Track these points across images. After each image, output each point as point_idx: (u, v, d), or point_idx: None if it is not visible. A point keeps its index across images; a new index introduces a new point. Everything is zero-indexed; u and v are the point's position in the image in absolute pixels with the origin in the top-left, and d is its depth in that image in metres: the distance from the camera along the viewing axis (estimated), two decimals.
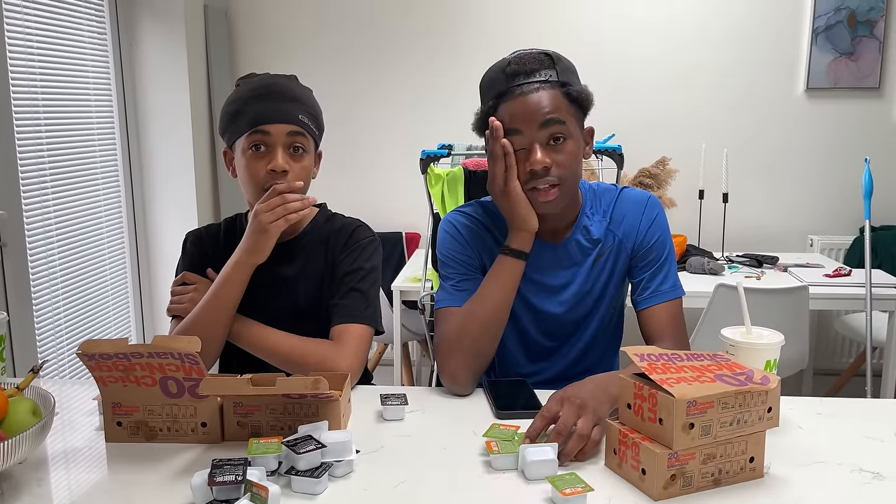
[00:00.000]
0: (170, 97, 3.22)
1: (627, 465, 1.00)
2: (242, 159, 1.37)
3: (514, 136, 1.30)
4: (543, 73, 1.29)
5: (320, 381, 1.05)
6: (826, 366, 3.59)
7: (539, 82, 1.28)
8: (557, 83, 1.29)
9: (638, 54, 3.52)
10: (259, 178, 1.35)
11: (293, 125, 1.36)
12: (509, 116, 1.29)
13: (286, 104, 1.37)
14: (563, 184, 1.32)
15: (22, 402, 1.01)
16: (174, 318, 1.43)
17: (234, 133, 1.39)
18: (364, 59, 3.64)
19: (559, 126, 1.29)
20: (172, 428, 1.14)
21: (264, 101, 1.36)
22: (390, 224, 3.61)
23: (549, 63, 1.30)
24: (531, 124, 1.28)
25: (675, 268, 1.44)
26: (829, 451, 1.09)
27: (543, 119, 1.28)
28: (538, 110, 1.27)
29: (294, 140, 1.37)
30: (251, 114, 1.35)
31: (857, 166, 3.46)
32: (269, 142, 1.36)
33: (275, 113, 1.35)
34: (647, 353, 1.03)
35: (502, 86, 1.30)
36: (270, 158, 1.35)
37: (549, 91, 1.28)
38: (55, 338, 2.65)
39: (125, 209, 3.18)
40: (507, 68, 1.30)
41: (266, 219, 1.31)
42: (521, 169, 1.31)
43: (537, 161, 1.28)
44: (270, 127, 1.35)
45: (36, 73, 2.56)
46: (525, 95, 1.28)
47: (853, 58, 3.41)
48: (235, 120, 1.38)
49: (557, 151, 1.30)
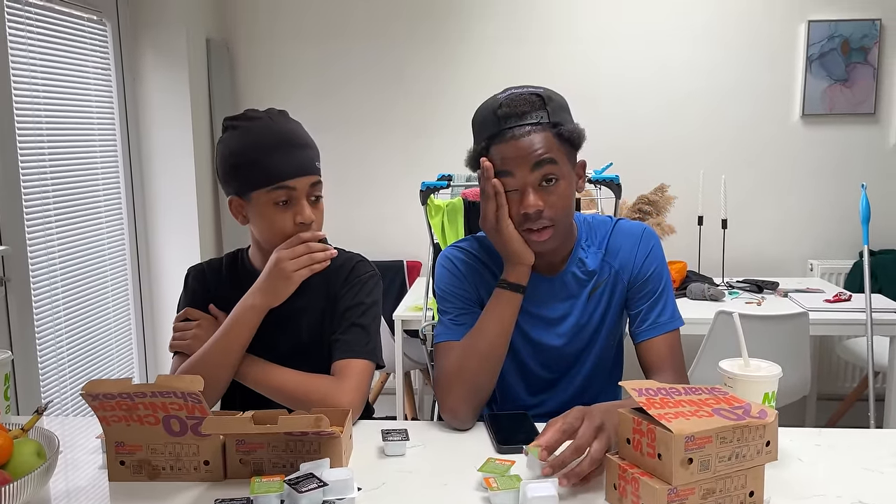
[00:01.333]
0: (173, 131, 3.25)
1: (628, 500, 1.00)
2: (265, 214, 1.37)
3: (506, 178, 1.31)
4: (535, 115, 1.30)
5: (322, 418, 1.06)
6: (829, 391, 3.57)
7: (530, 125, 1.29)
8: (549, 124, 1.30)
9: (634, 82, 3.56)
10: (287, 231, 1.36)
11: (314, 175, 1.38)
12: (501, 159, 1.30)
13: (302, 153, 1.38)
14: (557, 224, 1.34)
15: (27, 443, 1.02)
16: (176, 355, 1.44)
17: (250, 185, 1.36)
18: (365, 90, 3.68)
19: (551, 166, 1.30)
20: (175, 466, 1.15)
21: (281, 154, 1.35)
22: (391, 252, 3.63)
23: (539, 104, 1.31)
24: (523, 167, 1.29)
25: (672, 298, 1.45)
26: (829, 484, 1.09)
27: (535, 161, 1.29)
28: (530, 153, 1.29)
29: (314, 190, 1.39)
30: (271, 167, 1.34)
31: (854, 191, 3.47)
32: (293, 196, 1.36)
33: (297, 166, 1.35)
34: (646, 388, 1.04)
35: (493, 128, 1.31)
36: (297, 211, 1.36)
37: (540, 133, 1.29)
38: (58, 373, 2.66)
39: (128, 244, 3.20)
40: (499, 110, 1.30)
41: (290, 266, 1.33)
42: (513, 210, 1.33)
43: (530, 205, 1.30)
44: (295, 181, 1.35)
45: (40, 107, 2.59)
46: (517, 139, 1.29)
47: (848, 84, 3.44)
48: (251, 172, 1.35)
49: (550, 193, 1.31)
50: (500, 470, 1.09)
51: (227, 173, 1.40)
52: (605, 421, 1.09)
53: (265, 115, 1.40)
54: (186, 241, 3.30)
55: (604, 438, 1.07)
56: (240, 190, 1.39)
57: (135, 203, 3.23)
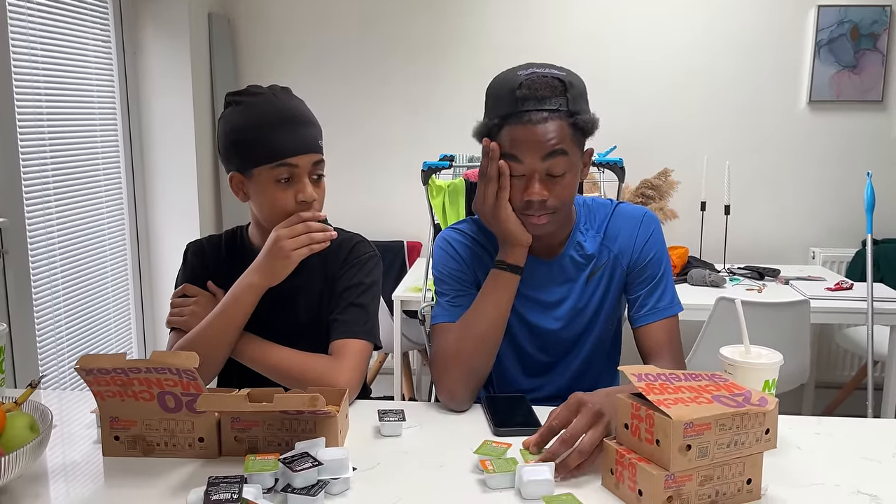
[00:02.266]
0: (173, 105, 3.23)
1: (624, 485, 1.00)
2: (267, 191, 1.35)
3: (513, 162, 1.28)
4: (554, 102, 1.25)
5: (318, 398, 1.05)
6: (827, 379, 3.58)
7: (548, 111, 1.25)
8: (566, 112, 1.26)
9: (640, 66, 3.53)
10: (288, 209, 1.35)
11: (316, 153, 1.36)
12: (511, 141, 1.27)
13: (305, 130, 1.36)
14: (557, 212, 1.32)
15: (20, 417, 1.01)
16: (173, 330, 1.43)
17: (252, 162, 1.35)
18: (366, 67, 3.65)
19: (562, 158, 1.27)
20: (170, 443, 1.14)
21: (284, 131, 1.33)
22: (391, 233, 3.62)
23: (560, 90, 1.26)
24: (534, 155, 1.26)
25: (671, 284, 1.44)
26: (828, 473, 1.09)
27: (547, 151, 1.26)
28: (543, 142, 1.25)
29: (317, 168, 1.37)
30: (274, 145, 1.32)
31: (859, 179, 3.45)
32: (295, 173, 1.35)
33: (299, 143, 1.34)
34: (645, 373, 1.03)
35: (509, 108, 1.27)
36: (298, 189, 1.35)
37: (556, 122, 1.25)
38: (56, 347, 2.66)
39: (127, 217, 3.19)
40: (518, 91, 1.25)
41: (289, 245, 1.31)
42: (516, 195, 1.30)
43: (535, 193, 1.28)
44: (297, 159, 1.34)
45: (40, 80, 2.57)
46: (533, 124, 1.25)
47: (856, 71, 3.41)
48: (254, 148, 1.34)
49: (555, 183, 1.29)
50: (497, 452, 1.08)
51: (228, 149, 1.38)
52: (605, 407, 1.08)
53: (268, 92, 1.38)
54: (186, 215, 3.28)
55: (600, 427, 1.06)
56: (241, 166, 1.37)
57: (134, 177, 3.22)
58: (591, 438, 1.05)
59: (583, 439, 1.05)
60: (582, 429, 1.06)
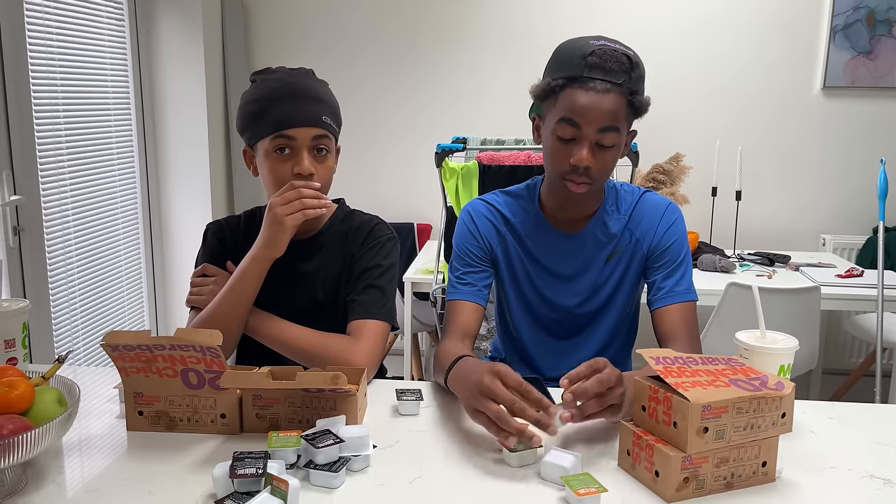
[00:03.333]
0: (186, 85, 3.23)
1: (641, 466, 1.01)
2: (266, 162, 1.37)
3: (569, 126, 1.30)
4: (619, 76, 1.28)
5: (339, 376, 1.07)
6: (835, 365, 3.59)
7: (612, 83, 1.27)
8: (627, 90, 1.29)
9: (654, 50, 3.50)
10: (286, 181, 1.35)
11: (317, 128, 1.36)
12: (572, 104, 1.29)
13: (309, 105, 1.36)
14: (596, 183, 1.35)
15: (48, 391, 1.03)
16: (193, 309, 1.44)
17: (256, 134, 1.38)
18: (379, 50, 3.64)
19: (614, 134, 1.30)
20: (192, 419, 1.16)
21: (287, 103, 1.34)
22: (402, 214, 3.62)
23: (627, 67, 1.29)
24: (590, 123, 1.28)
25: (690, 273, 1.46)
26: (841, 457, 1.10)
27: (604, 124, 1.28)
28: (602, 114, 1.27)
29: (318, 143, 1.37)
30: (274, 116, 1.34)
31: (872, 166, 3.44)
32: (293, 145, 1.35)
33: (299, 116, 1.34)
34: (663, 356, 1.04)
35: (577, 71, 1.28)
36: (296, 162, 1.35)
37: (617, 96, 1.28)
38: (71, 324, 2.68)
39: (140, 196, 3.21)
40: (589, 58, 1.28)
41: (281, 211, 1.32)
42: (562, 157, 1.32)
43: (583, 159, 1.30)
44: (295, 131, 1.34)
45: (55, 60, 2.57)
46: (597, 92, 1.27)
47: (871, 57, 3.39)
48: (257, 121, 1.37)
49: (602, 154, 1.32)
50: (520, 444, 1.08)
51: (240, 124, 1.42)
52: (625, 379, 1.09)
53: (285, 70, 1.40)
54: (198, 194, 3.30)
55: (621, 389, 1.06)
56: (249, 139, 1.41)
57: (147, 155, 3.23)
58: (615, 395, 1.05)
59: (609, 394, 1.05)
60: (615, 379, 1.06)
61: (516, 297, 1.51)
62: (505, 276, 1.51)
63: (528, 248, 1.48)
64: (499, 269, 1.51)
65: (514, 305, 1.52)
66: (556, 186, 1.39)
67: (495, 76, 3.58)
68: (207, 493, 0.97)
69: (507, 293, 1.52)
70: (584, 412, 1.05)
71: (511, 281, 1.51)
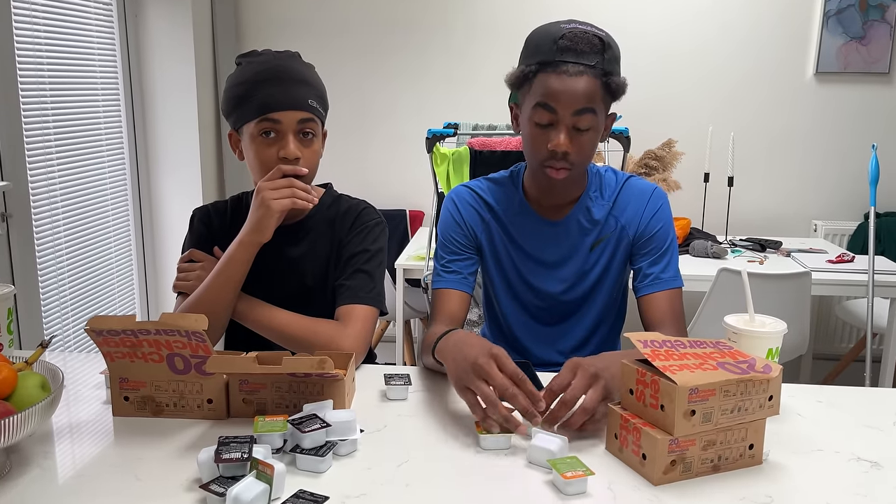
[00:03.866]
0: (175, 69, 3.20)
1: (628, 449, 1.01)
2: (252, 145, 1.36)
3: (544, 111, 1.30)
4: (591, 58, 1.27)
5: (326, 360, 1.06)
6: (825, 351, 3.60)
7: (585, 66, 1.27)
8: (601, 71, 1.28)
9: (646, 36, 3.50)
10: (271, 165, 1.34)
11: (303, 111, 1.35)
12: (546, 90, 1.28)
13: (295, 88, 1.35)
14: (575, 167, 1.34)
15: (31, 376, 1.02)
16: (180, 295, 1.44)
17: (241, 117, 1.36)
18: (370, 35, 3.61)
19: (590, 116, 1.29)
20: (179, 404, 1.15)
21: (272, 86, 1.33)
22: (394, 201, 3.61)
23: (599, 48, 1.28)
24: (566, 107, 1.28)
25: (676, 259, 1.46)
26: (828, 440, 1.10)
27: (579, 107, 1.28)
28: (576, 97, 1.27)
29: (304, 126, 1.36)
30: (259, 99, 1.33)
31: (863, 152, 3.44)
32: (279, 129, 1.34)
33: (284, 99, 1.33)
34: (651, 340, 1.04)
35: (549, 56, 1.28)
36: (282, 146, 1.34)
37: (591, 78, 1.27)
38: (60, 309, 2.67)
39: (129, 181, 3.18)
40: (560, 41, 1.27)
41: (269, 195, 1.31)
42: (540, 144, 1.32)
43: (560, 144, 1.30)
44: (281, 115, 1.33)
45: (41, 44, 2.55)
46: (569, 75, 1.27)
47: (864, 42, 3.38)
48: (242, 104, 1.35)
49: (580, 139, 1.31)
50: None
51: (224, 108, 1.41)
52: (601, 370, 1.09)
53: (271, 53, 1.39)
54: (188, 178, 3.28)
55: (598, 387, 1.07)
56: (235, 123, 1.39)
57: (136, 140, 3.20)
58: (591, 397, 1.06)
59: (584, 398, 1.07)
60: (581, 389, 1.07)
61: (502, 283, 1.51)
62: (490, 263, 1.50)
63: (512, 234, 1.47)
64: (484, 257, 1.50)
65: (501, 292, 1.51)
66: (536, 174, 1.38)
67: (487, 61, 3.56)
68: (193, 477, 0.97)
69: (493, 280, 1.51)
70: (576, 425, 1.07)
71: (496, 268, 1.50)
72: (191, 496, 0.93)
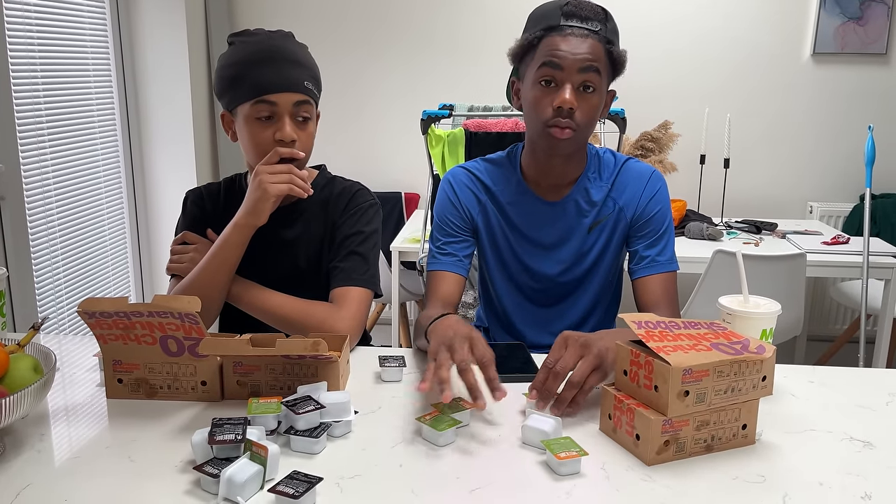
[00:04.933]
0: (168, 50, 3.17)
1: (622, 430, 1.01)
2: (246, 127, 1.34)
3: (552, 70, 1.30)
4: (596, 24, 1.31)
5: (320, 342, 1.06)
6: (820, 332, 3.62)
7: (589, 30, 1.30)
8: (605, 38, 1.31)
9: (642, 17, 3.47)
10: (266, 147, 1.33)
11: (299, 94, 1.34)
12: (552, 51, 1.30)
13: (290, 70, 1.33)
14: (579, 130, 1.33)
15: (23, 358, 1.01)
16: (173, 277, 1.43)
17: (236, 99, 1.34)
18: (365, 14, 3.58)
19: (595, 75, 1.31)
20: (173, 386, 1.15)
21: (267, 67, 1.31)
22: (389, 184, 3.60)
23: (602, 17, 1.32)
24: (572, 65, 1.29)
25: (672, 242, 1.45)
26: (821, 420, 1.11)
27: (584, 64, 1.29)
28: (583, 54, 1.29)
29: (300, 109, 1.35)
30: (254, 80, 1.31)
31: (859, 133, 3.44)
32: (275, 111, 1.33)
33: (280, 81, 1.31)
34: (645, 321, 1.04)
35: (555, 20, 1.31)
36: (278, 128, 1.33)
37: (595, 42, 1.31)
38: (54, 292, 2.66)
39: (122, 161, 3.17)
40: (565, 7, 1.31)
41: (267, 180, 1.30)
42: (546, 103, 1.32)
43: (566, 100, 1.30)
44: (276, 97, 1.32)
45: (32, 26, 2.52)
46: (576, 37, 1.30)
47: (861, 22, 3.36)
48: (236, 85, 1.33)
49: (585, 99, 1.32)
50: (452, 409, 1.07)
51: (217, 87, 1.38)
52: (592, 340, 1.09)
53: (264, 33, 1.36)
54: (181, 159, 3.26)
55: (590, 357, 1.07)
56: (228, 103, 1.37)
57: (129, 122, 3.18)
58: (580, 370, 1.06)
59: (573, 372, 1.07)
60: (572, 361, 1.07)
61: (497, 265, 1.50)
62: (486, 244, 1.50)
63: (510, 215, 1.47)
64: (480, 238, 1.50)
65: (496, 274, 1.51)
66: (539, 140, 1.36)
67: (484, 43, 3.53)
68: (188, 459, 0.97)
69: (489, 262, 1.51)
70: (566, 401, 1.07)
71: (492, 249, 1.50)
72: (185, 477, 0.93)
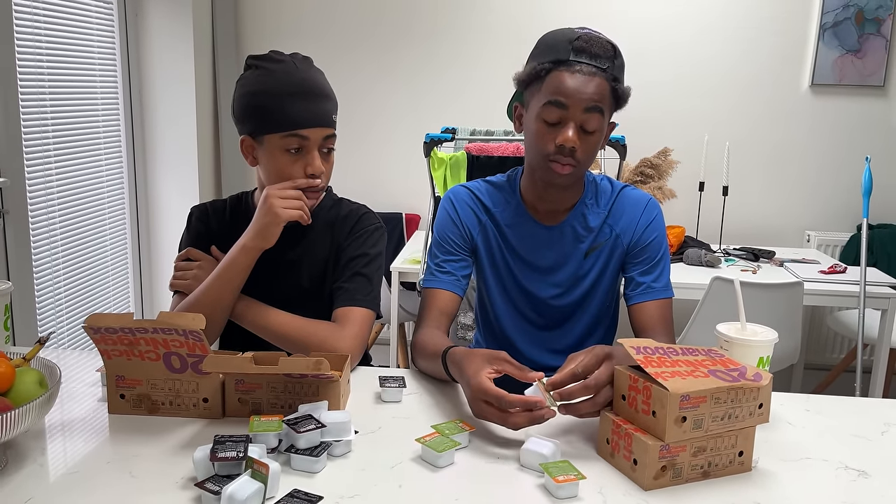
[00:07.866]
0: (174, 68, 3.20)
1: (620, 454, 1.02)
2: (273, 157, 1.36)
3: (556, 108, 1.32)
4: (604, 62, 1.32)
5: (322, 361, 1.07)
6: (816, 361, 3.62)
7: (598, 68, 1.31)
8: (611, 76, 1.33)
9: (643, 44, 3.51)
10: (293, 178, 1.36)
11: (329, 128, 1.37)
12: (559, 86, 1.31)
13: (321, 104, 1.36)
14: (579, 166, 1.36)
15: (28, 372, 1.02)
16: (176, 293, 1.44)
17: (264, 128, 1.35)
18: (369, 38, 3.62)
19: (599, 116, 1.33)
20: (175, 402, 1.16)
21: (300, 102, 1.33)
22: (390, 204, 3.62)
23: (611, 54, 1.33)
24: (577, 104, 1.31)
25: (668, 269, 1.47)
26: (817, 448, 1.12)
27: (590, 105, 1.31)
28: (589, 94, 1.31)
29: (327, 143, 1.38)
30: (286, 114, 1.33)
31: (857, 164, 3.47)
32: (305, 145, 1.35)
33: (313, 117, 1.35)
34: (643, 346, 1.05)
35: (564, 55, 1.32)
36: (308, 161, 1.36)
37: (602, 80, 1.32)
38: (55, 306, 2.67)
39: (126, 178, 3.19)
40: (576, 42, 1.32)
41: (278, 203, 1.32)
42: (548, 139, 1.34)
43: (569, 139, 1.32)
44: (308, 132, 1.34)
45: (41, 41, 2.55)
46: (584, 74, 1.31)
47: (859, 55, 3.41)
48: (266, 115, 1.34)
49: (587, 137, 1.34)
50: (452, 430, 1.08)
51: (242, 112, 1.39)
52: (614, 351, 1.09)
53: (290, 60, 1.38)
54: (185, 177, 3.28)
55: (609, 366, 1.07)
56: (253, 131, 1.38)
57: (134, 139, 3.21)
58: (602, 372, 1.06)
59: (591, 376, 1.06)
60: (606, 380, 1.07)
61: (496, 286, 1.52)
62: (485, 264, 1.51)
63: (508, 237, 1.49)
64: (479, 258, 1.52)
65: (495, 295, 1.53)
66: (538, 171, 1.39)
67: (487, 67, 3.57)
68: (189, 475, 0.98)
69: (488, 281, 1.53)
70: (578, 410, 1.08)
71: (491, 269, 1.51)
72: (186, 494, 0.94)
